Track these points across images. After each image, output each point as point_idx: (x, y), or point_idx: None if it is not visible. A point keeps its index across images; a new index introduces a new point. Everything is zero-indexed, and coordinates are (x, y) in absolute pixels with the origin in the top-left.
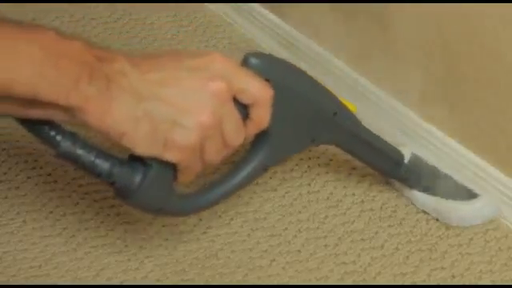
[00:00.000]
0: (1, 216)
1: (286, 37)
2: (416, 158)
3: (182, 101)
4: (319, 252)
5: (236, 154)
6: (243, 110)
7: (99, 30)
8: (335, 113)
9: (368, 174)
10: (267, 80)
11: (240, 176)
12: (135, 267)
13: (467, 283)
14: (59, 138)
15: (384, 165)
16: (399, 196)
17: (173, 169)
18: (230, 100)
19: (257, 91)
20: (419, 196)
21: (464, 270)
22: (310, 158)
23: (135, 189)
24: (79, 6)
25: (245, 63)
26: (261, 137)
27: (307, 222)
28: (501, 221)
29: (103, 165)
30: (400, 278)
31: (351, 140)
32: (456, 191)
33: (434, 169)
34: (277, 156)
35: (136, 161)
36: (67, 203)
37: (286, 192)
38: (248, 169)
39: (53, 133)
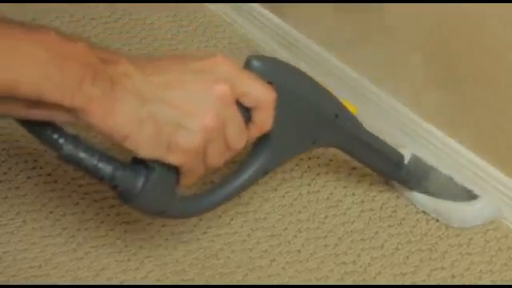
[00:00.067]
0: (1, 216)
1: (286, 37)
2: (416, 159)
3: (187, 103)
4: (319, 252)
5: (236, 155)
6: (246, 113)
7: (99, 30)
8: (337, 115)
9: (368, 174)
10: (270, 83)
11: (241, 179)
12: (135, 267)
13: (467, 283)
14: (62, 141)
15: (385, 166)
16: (399, 196)
17: (175, 172)
18: (234, 103)
19: (260, 94)
20: (419, 197)
21: (464, 270)
22: (310, 158)
23: (138, 192)
24: (79, 6)
25: (247, 66)
26: (262, 140)
27: (307, 222)
28: (501, 221)
29: (106, 168)
30: (400, 278)
31: (352, 142)
32: (456, 192)
33: (434, 170)
34: (278, 159)
35: (138, 164)
36: (67, 203)
37: (286, 192)
38: (249, 172)
39: (55, 136)
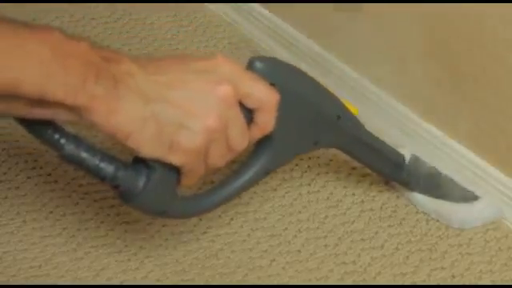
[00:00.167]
0: (1, 216)
1: (286, 37)
2: (416, 160)
3: (189, 104)
4: (319, 252)
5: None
6: (248, 114)
7: (99, 30)
8: (339, 116)
9: (368, 174)
10: (272, 84)
11: (242, 179)
12: (135, 267)
13: (467, 283)
14: (63, 141)
15: (386, 168)
16: (399, 196)
17: (176, 172)
18: (237, 104)
19: (263, 96)
20: (420, 198)
21: (464, 270)
22: (310, 158)
23: (139, 192)
24: (79, 6)
25: (250, 67)
26: (264, 140)
27: (307, 222)
28: (501, 221)
29: (108, 168)
30: (400, 278)
31: (354, 143)
32: (456, 193)
33: (434, 170)
34: (279, 159)
35: (139, 164)
36: (67, 203)
37: (286, 192)
38: (250, 173)
39: (56, 135)
